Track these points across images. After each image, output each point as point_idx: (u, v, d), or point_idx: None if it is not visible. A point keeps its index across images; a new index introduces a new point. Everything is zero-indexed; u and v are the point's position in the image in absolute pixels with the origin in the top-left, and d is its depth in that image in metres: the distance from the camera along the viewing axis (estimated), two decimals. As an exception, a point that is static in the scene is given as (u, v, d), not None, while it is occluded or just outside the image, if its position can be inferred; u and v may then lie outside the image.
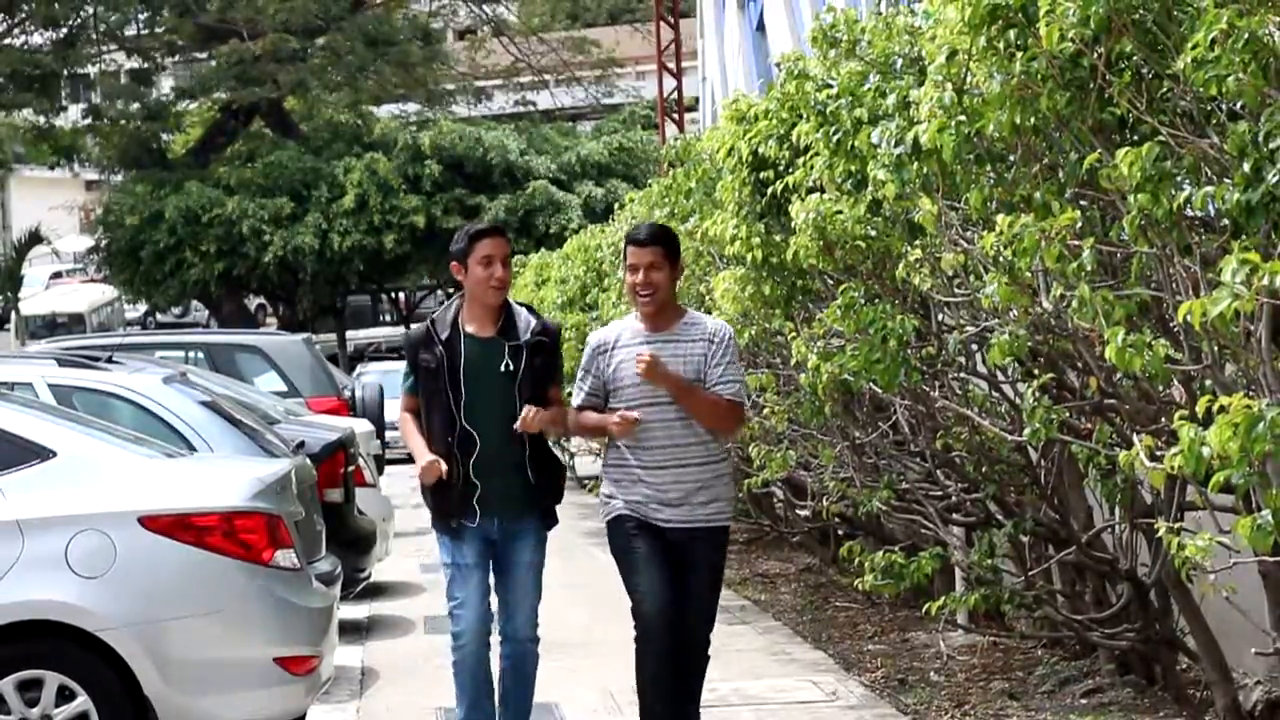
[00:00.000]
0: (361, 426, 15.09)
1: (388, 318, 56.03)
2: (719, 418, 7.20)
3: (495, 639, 7.42)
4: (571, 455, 22.70)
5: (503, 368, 7.18)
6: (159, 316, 55.11)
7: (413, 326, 7.48)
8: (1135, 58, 5.40)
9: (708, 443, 7.18)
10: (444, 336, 7.22)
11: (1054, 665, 9.19)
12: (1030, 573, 8.25)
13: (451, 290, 49.51)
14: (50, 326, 49.29)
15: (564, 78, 50.72)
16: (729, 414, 7.23)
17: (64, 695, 7.39)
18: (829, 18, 8.34)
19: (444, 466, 7.07)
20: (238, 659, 7.61)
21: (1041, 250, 5.52)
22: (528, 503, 7.30)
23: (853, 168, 7.21)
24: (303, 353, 19.01)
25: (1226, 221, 5.09)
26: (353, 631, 11.24)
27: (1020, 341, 6.16)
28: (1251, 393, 4.39)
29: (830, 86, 7.62)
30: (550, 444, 7.53)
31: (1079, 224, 5.59)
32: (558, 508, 7.52)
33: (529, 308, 7.57)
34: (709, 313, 8.55)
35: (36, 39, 49.60)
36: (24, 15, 48.81)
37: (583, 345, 8.18)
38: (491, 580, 7.37)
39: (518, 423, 7.07)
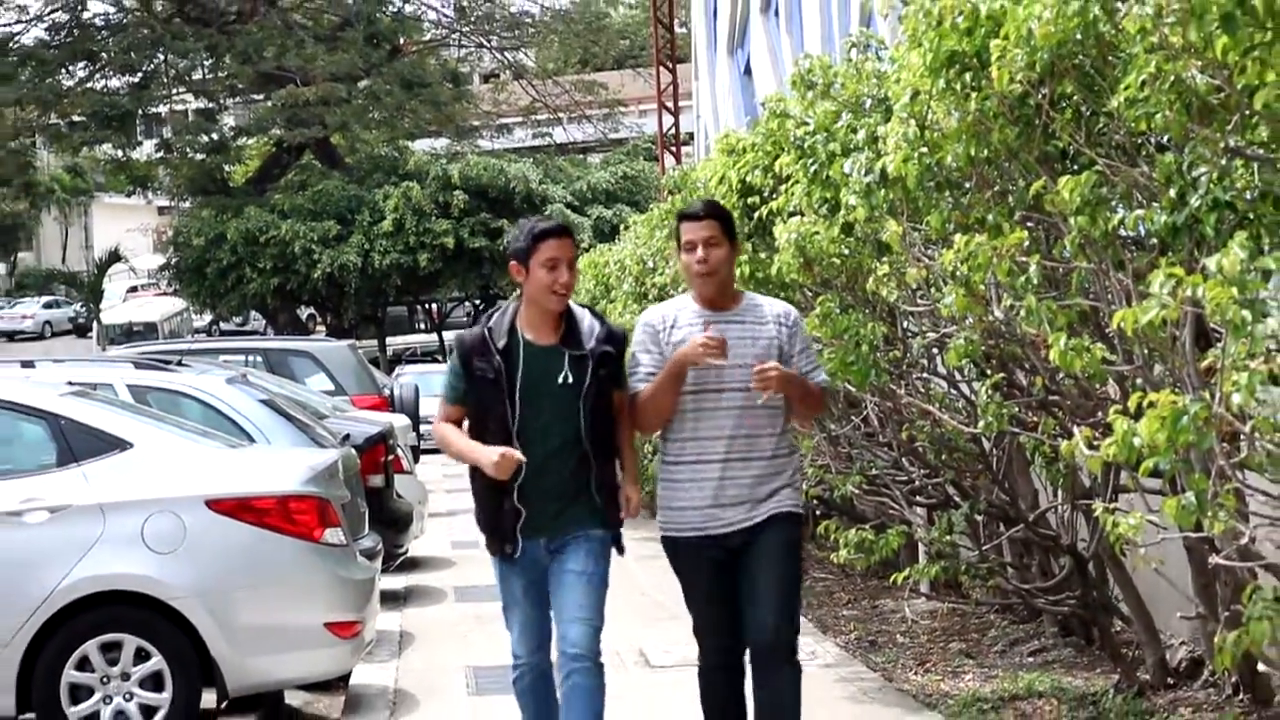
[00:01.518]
0: (400, 421, 15.11)
1: (422, 326, 56.06)
2: (818, 407, 6.10)
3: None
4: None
5: (562, 380, 5.68)
6: (222, 325, 55.20)
7: (465, 332, 5.96)
8: (1075, 97, 5.40)
9: (778, 433, 5.82)
10: (501, 344, 5.69)
11: (1005, 628, 9.20)
12: (984, 547, 8.25)
13: (479, 301, 49.75)
14: (128, 334, 49.43)
15: (576, 115, 50.80)
16: (824, 402, 6.19)
17: (140, 656, 7.41)
18: (807, 64, 8.34)
19: (519, 455, 5.63)
20: (292, 624, 7.63)
21: (993, 266, 5.52)
22: (578, 523, 5.79)
23: (828, 194, 7.21)
24: (348, 356, 19.03)
25: (1155, 240, 5.10)
26: (392, 600, 11.25)
27: (975, 345, 6.17)
28: (1177, 390, 4.39)
29: (808, 124, 7.62)
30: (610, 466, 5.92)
31: (1026, 243, 5.59)
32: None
33: (592, 310, 5.98)
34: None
35: (115, 82, 49.78)
36: (104, 62, 48.93)
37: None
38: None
39: (624, 512, 5.87)
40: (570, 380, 5.68)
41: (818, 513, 12.09)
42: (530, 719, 5.99)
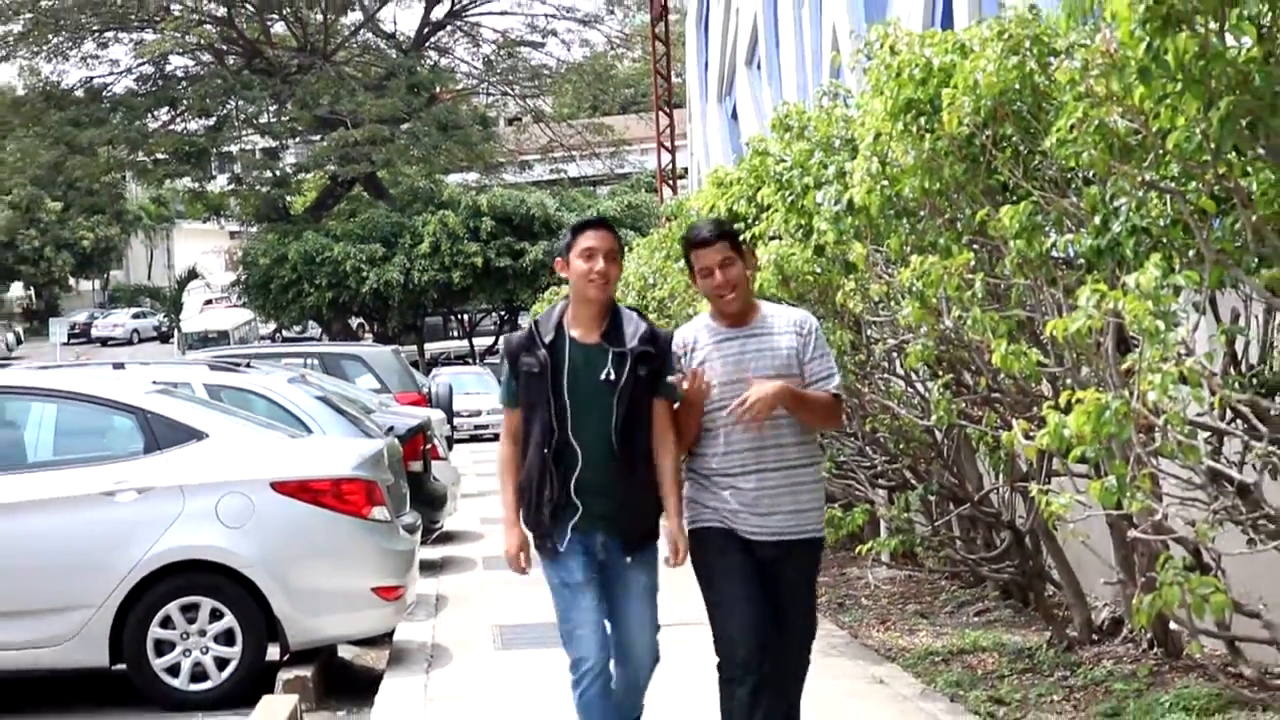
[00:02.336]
0: (436, 415, 15.05)
1: (455, 334, 55.96)
2: (828, 416, 5.11)
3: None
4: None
5: (604, 377, 4.82)
6: (284, 333, 55.20)
7: (513, 333, 5.17)
8: (1014, 138, 5.41)
9: (802, 444, 4.98)
10: (547, 340, 4.87)
11: (954, 593, 9.20)
12: (936, 523, 8.25)
13: (504, 312, 49.61)
14: (203, 340, 49.29)
15: (587, 153, 50.87)
16: (836, 410, 5.10)
17: (215, 615, 7.44)
18: (785, 110, 8.34)
19: (524, 565, 4.99)
20: (344, 588, 7.62)
21: (944, 282, 5.53)
22: (626, 521, 4.90)
23: (802, 221, 7.22)
24: (392, 360, 18.98)
25: (1082, 261, 5.10)
26: (429, 568, 11.24)
27: (929, 350, 6.16)
28: (1101, 388, 4.40)
29: (785, 161, 7.62)
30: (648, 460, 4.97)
31: (972, 263, 5.60)
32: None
33: (640, 313, 5.07)
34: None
35: (193, 125, 49.85)
36: (183, 108, 49.01)
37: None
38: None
39: (673, 560, 4.90)
40: (612, 377, 4.84)
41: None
42: None
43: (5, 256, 67.66)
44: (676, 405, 4.96)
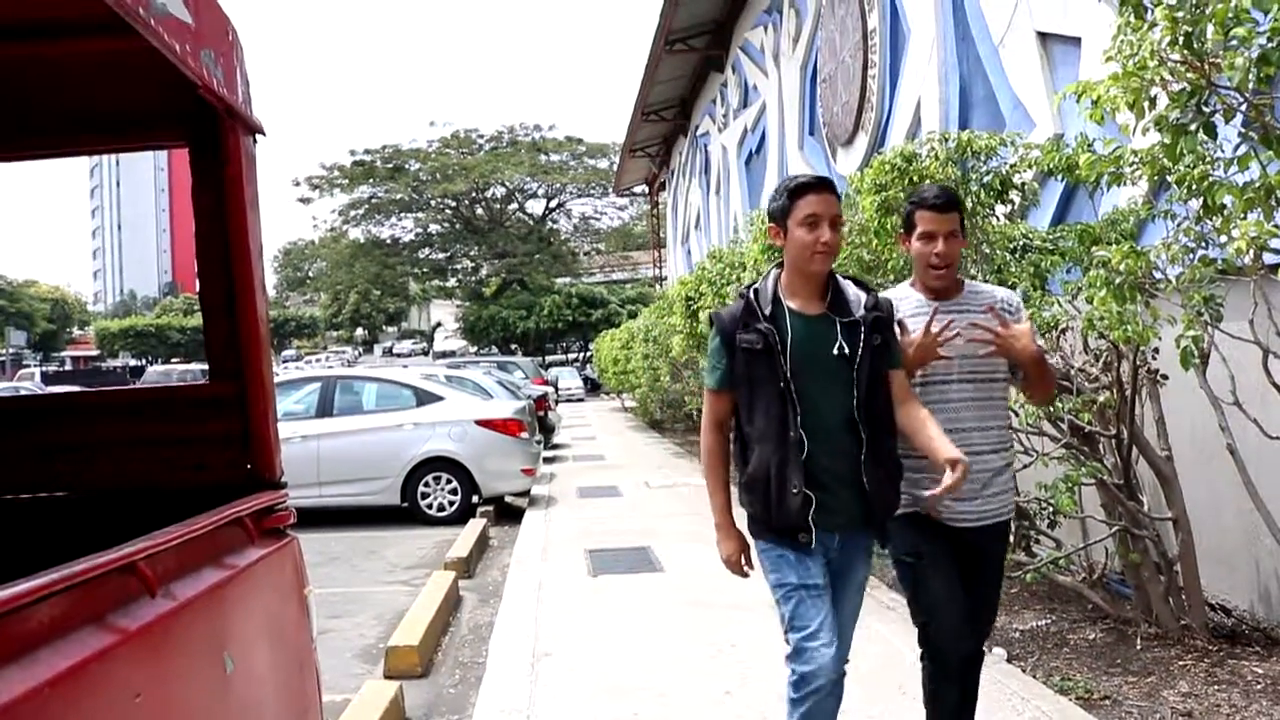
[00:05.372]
0: (550, 389, 15.05)
1: (559, 352, 55.84)
2: (1051, 388, 2.23)
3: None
4: None
5: (836, 350, 1.90)
6: (480, 352, 55.07)
7: (721, 310, 1.99)
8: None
9: (1003, 426, 2.18)
10: (768, 312, 1.92)
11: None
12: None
13: (581, 342, 49.50)
14: (443, 355, 49.09)
15: (621, 268, 50.69)
16: (1055, 383, 2.41)
17: (448, 481, 7.35)
18: (713, 248, 8.30)
19: (745, 569, 2.03)
20: (508, 469, 7.54)
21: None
22: (879, 505, 1.95)
23: (719, 299, 7.13)
24: (530, 364, 18.91)
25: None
26: (547, 461, 11.05)
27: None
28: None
29: (712, 272, 7.63)
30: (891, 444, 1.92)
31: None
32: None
33: (855, 279, 2.02)
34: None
35: (438, 255, 49.80)
36: (435, 247, 48.89)
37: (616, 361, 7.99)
38: None
39: (952, 483, 1.86)
40: (845, 350, 1.99)
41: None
42: None
43: (356, 317, 67.88)
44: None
